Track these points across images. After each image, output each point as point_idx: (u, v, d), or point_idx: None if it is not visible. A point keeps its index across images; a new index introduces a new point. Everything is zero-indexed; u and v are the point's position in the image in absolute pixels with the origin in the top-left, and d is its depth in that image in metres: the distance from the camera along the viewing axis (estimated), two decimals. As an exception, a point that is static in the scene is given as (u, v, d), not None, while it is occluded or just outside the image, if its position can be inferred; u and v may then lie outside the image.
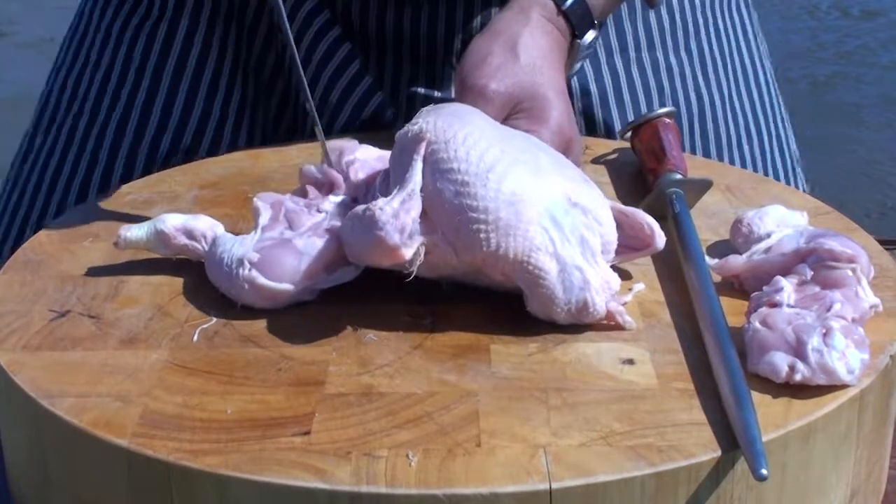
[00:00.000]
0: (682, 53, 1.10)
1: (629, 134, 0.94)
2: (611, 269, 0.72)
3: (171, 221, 0.76)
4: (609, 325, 0.70)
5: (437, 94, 1.05)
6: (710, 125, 1.10)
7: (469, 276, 0.72)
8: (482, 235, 0.68)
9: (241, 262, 0.72)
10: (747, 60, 1.16)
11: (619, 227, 0.74)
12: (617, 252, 0.74)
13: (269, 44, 1.08)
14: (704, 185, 0.85)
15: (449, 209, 0.68)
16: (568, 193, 0.70)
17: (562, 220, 0.69)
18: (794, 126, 1.20)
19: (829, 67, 4.14)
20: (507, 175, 0.69)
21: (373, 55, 1.06)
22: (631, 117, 1.04)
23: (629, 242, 0.75)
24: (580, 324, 0.70)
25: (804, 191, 1.09)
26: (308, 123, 1.08)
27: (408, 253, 0.68)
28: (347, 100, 1.04)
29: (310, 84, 1.06)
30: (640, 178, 0.90)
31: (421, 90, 1.06)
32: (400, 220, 0.67)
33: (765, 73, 1.18)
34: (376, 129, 1.03)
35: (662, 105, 1.06)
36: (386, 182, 0.74)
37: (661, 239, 0.75)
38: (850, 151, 3.42)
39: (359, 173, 0.79)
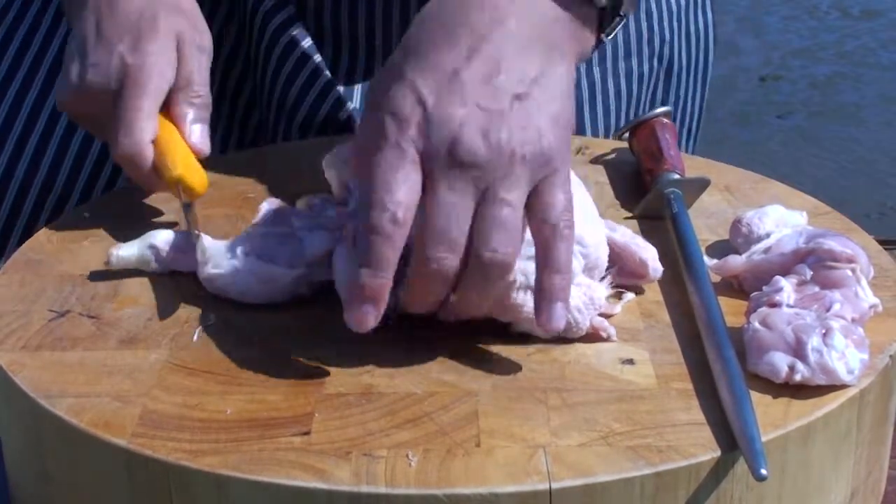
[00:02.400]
0: (654, 61, 1.10)
1: (627, 134, 0.94)
2: (598, 285, 0.70)
3: (162, 237, 0.77)
4: (597, 336, 0.70)
5: None
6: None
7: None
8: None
9: (236, 249, 0.73)
10: (701, 61, 1.18)
11: (616, 255, 0.73)
12: (618, 274, 0.73)
13: (239, 45, 1.08)
14: (702, 185, 0.85)
15: None
16: None
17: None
18: (794, 126, 1.22)
19: (829, 67, 4.14)
20: None
21: (344, 53, 1.05)
22: (600, 124, 1.05)
23: (628, 269, 0.74)
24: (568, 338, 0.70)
25: None
26: (271, 122, 1.07)
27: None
28: (304, 99, 1.03)
29: (270, 83, 1.05)
30: (638, 177, 0.90)
31: None
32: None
33: (706, 72, 1.20)
34: (336, 129, 1.03)
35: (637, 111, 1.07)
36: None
37: (655, 272, 0.74)
38: (850, 151, 3.42)
39: None
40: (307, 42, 1.03)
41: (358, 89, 1.06)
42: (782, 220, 0.78)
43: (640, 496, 0.58)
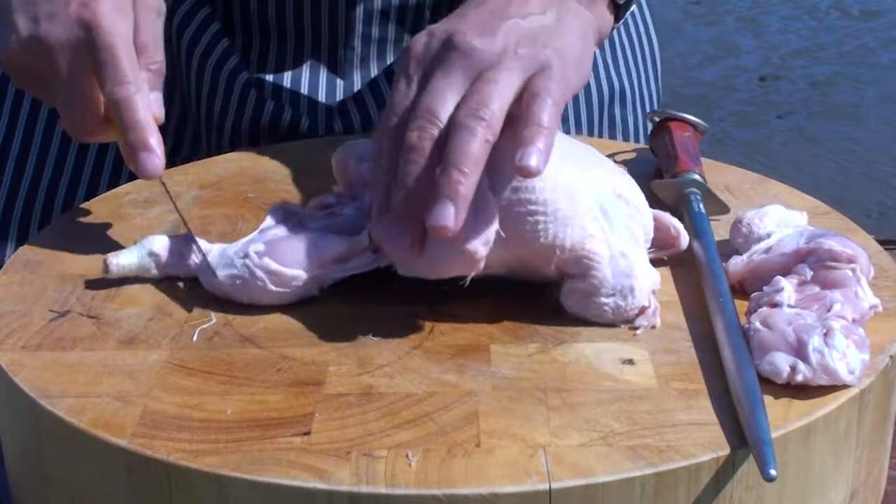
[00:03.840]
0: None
1: (652, 127, 0.93)
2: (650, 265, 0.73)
3: (160, 242, 0.76)
4: (631, 325, 0.70)
5: (339, 81, 1.05)
6: (618, 111, 1.12)
7: (509, 270, 0.73)
8: (540, 227, 0.69)
9: (248, 252, 0.72)
10: (644, 38, 1.17)
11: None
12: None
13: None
14: (720, 208, 0.84)
15: (505, 204, 0.69)
16: (613, 185, 0.72)
17: (609, 211, 0.71)
18: (794, 126, 1.22)
19: (829, 67, 4.14)
20: (562, 166, 0.70)
21: (272, 48, 1.04)
22: None
23: (654, 241, 0.76)
24: (612, 320, 0.70)
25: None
26: (203, 137, 1.06)
27: (484, 262, 0.69)
28: (228, 109, 1.02)
29: (195, 97, 1.03)
30: (658, 178, 0.89)
31: (324, 77, 1.04)
32: (482, 233, 0.68)
33: (653, 51, 1.19)
34: (265, 135, 1.02)
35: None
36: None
37: (685, 240, 0.76)
38: (850, 151, 3.42)
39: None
40: (224, 43, 1.02)
41: (287, 77, 1.04)
42: (783, 220, 0.77)
43: (640, 496, 0.58)
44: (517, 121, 0.68)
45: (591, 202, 0.70)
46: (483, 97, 0.68)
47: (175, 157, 1.06)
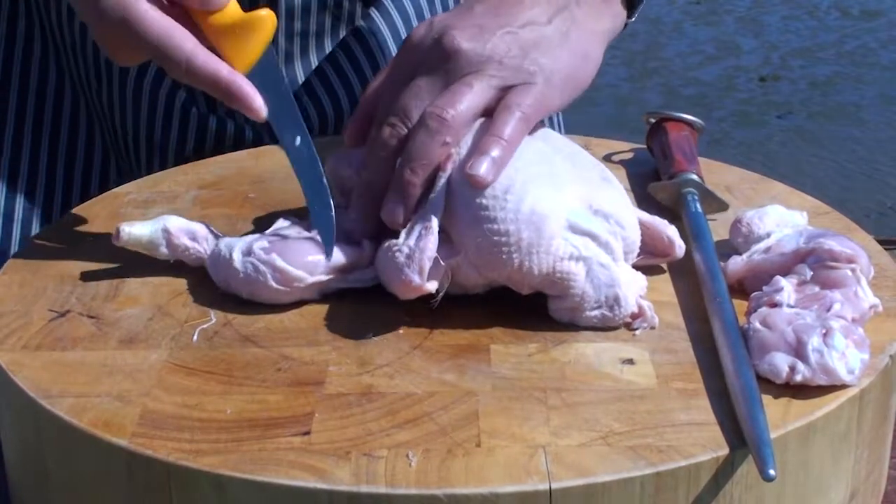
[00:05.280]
0: None
1: (648, 128, 0.93)
2: (635, 271, 0.72)
3: (175, 222, 0.76)
4: (630, 326, 0.70)
5: None
6: None
7: (492, 289, 0.72)
8: (505, 256, 0.69)
9: (256, 246, 0.72)
10: None
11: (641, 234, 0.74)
12: (640, 254, 0.74)
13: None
14: (719, 206, 0.83)
15: (470, 232, 0.69)
16: (588, 201, 0.71)
17: (584, 227, 0.70)
18: (794, 126, 1.21)
19: (829, 67, 4.15)
20: (525, 194, 0.69)
21: None
22: None
23: (648, 249, 0.75)
24: (607, 327, 0.70)
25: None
26: (143, 161, 1.02)
27: (432, 286, 0.69)
28: (169, 128, 0.99)
29: (133, 122, 1.00)
30: (655, 178, 0.89)
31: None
32: (416, 261, 0.68)
33: None
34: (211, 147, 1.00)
35: None
36: None
37: (680, 249, 0.75)
38: (850, 151, 3.43)
39: None
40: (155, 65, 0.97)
41: None
42: (782, 219, 0.77)
43: (640, 496, 0.58)
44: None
45: (559, 225, 0.69)
46: (452, 98, 0.71)
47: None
